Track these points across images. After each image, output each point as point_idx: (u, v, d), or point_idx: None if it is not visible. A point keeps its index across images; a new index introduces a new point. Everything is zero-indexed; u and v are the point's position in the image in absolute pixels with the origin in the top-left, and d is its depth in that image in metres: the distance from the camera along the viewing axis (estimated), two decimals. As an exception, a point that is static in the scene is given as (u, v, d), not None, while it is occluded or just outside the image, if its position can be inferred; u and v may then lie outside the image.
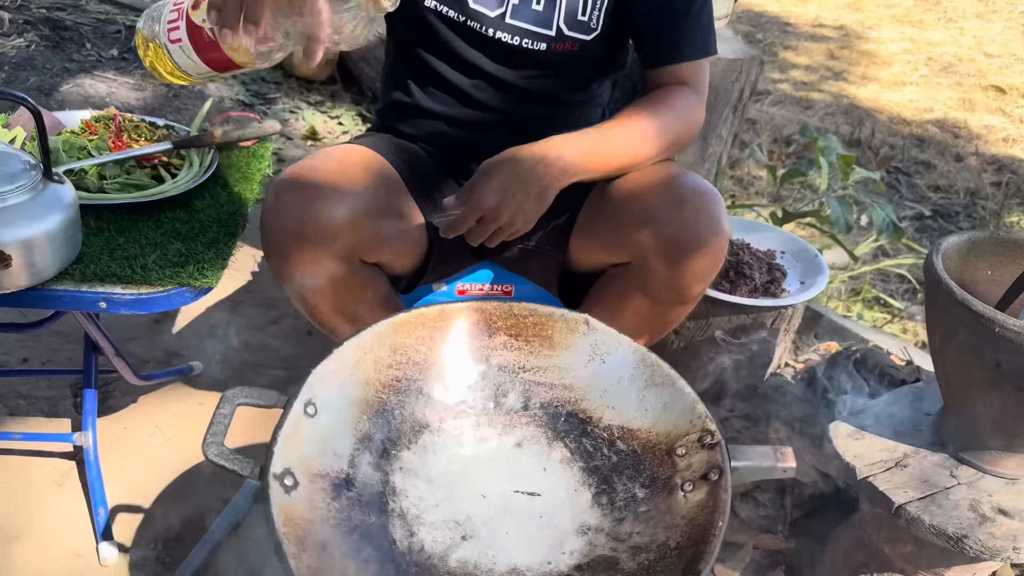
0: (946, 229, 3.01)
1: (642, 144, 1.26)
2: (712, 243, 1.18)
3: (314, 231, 1.17)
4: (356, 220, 1.19)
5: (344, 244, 1.19)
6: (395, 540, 0.83)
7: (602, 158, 1.24)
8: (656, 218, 1.19)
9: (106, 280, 1.16)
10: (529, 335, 1.00)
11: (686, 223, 1.17)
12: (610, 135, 1.26)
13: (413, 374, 0.95)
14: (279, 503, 0.76)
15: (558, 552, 0.84)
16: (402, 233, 1.32)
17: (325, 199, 1.17)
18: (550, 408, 0.97)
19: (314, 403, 0.85)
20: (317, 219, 1.16)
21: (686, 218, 1.17)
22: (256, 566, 1.29)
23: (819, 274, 1.71)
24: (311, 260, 1.19)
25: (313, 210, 1.16)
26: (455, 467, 0.92)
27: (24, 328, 1.55)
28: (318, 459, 0.84)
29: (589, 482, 0.91)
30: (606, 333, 0.98)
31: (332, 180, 1.19)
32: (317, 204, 1.17)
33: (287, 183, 1.20)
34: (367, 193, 1.22)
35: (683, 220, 1.17)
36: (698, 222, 1.18)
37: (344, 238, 1.18)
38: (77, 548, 1.41)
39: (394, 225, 1.29)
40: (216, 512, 1.45)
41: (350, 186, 1.20)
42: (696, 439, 0.86)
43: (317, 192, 1.18)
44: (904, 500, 1.20)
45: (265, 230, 1.20)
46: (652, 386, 0.93)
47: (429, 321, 0.97)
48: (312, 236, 1.17)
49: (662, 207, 1.19)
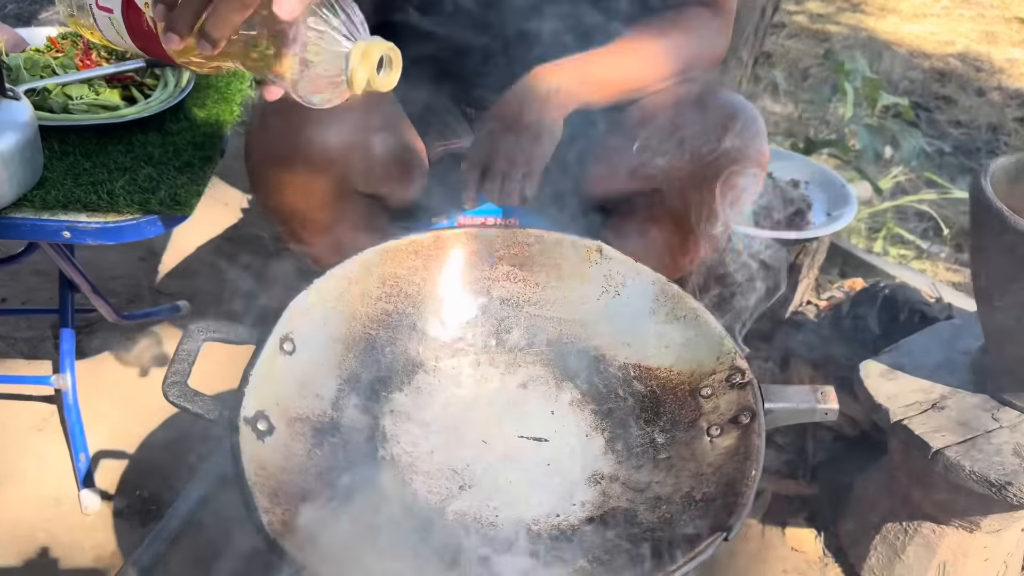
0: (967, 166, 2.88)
1: (651, 68, 1.15)
2: (751, 166, 1.07)
3: (305, 158, 1.05)
4: (351, 145, 1.07)
5: (338, 172, 1.08)
6: (385, 490, 0.74)
7: (602, 85, 1.13)
8: (689, 137, 1.08)
9: (69, 207, 1.05)
10: (535, 264, 0.89)
11: (724, 143, 1.06)
12: (611, 59, 1.14)
13: (405, 308, 0.85)
14: (250, 450, 0.67)
15: (568, 503, 0.75)
16: (401, 161, 1.20)
17: (316, 122, 1.06)
18: (558, 345, 0.87)
19: (292, 339, 0.75)
20: (308, 144, 1.05)
21: (723, 138, 1.06)
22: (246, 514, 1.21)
23: (846, 205, 1.60)
24: (302, 191, 1.08)
25: (304, 134, 1.05)
26: (453, 410, 0.82)
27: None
28: (297, 401, 0.74)
29: (602, 426, 0.81)
30: (622, 262, 0.87)
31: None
32: (308, 128, 1.05)
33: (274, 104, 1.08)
34: (363, 116, 1.10)
35: (720, 140, 1.06)
36: (736, 142, 1.07)
37: (338, 166, 1.07)
38: (58, 495, 1.34)
39: (393, 152, 1.18)
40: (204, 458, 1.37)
41: (341, 111, 1.08)
42: (724, 378, 0.76)
43: (308, 114, 1.06)
44: (942, 444, 1.11)
45: (249, 157, 1.09)
46: (673, 320, 0.83)
47: (423, 249, 0.86)
48: (303, 164, 1.05)
49: (694, 126, 1.08)
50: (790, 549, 1.35)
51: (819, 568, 1.32)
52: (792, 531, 1.36)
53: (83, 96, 1.23)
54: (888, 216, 2.34)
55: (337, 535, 0.66)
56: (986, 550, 1.19)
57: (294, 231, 1.16)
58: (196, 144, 1.18)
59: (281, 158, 1.05)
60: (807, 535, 1.36)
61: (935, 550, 1.21)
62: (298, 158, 1.05)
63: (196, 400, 0.69)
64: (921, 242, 2.28)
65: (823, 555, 1.34)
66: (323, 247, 1.17)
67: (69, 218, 1.04)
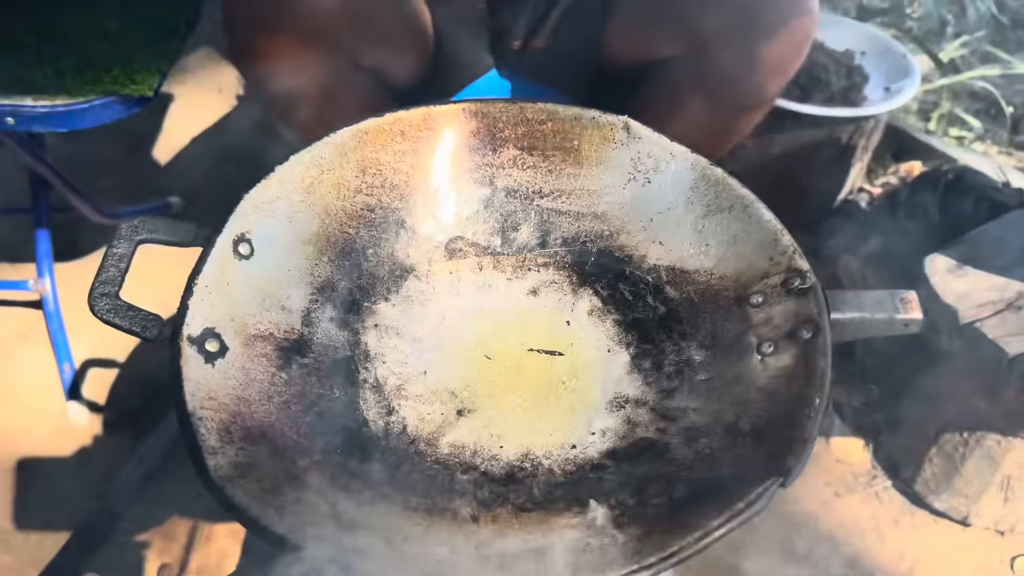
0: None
1: None
2: (796, 23, 0.90)
3: (294, 20, 0.89)
4: (348, 7, 0.91)
5: (333, 38, 0.92)
6: (367, 420, 0.62)
7: None
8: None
9: (11, 90, 0.91)
10: (547, 147, 0.74)
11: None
12: None
13: (391, 201, 0.71)
14: (196, 376, 0.55)
15: (585, 432, 0.63)
16: (404, 27, 1.04)
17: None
18: (576, 244, 0.73)
19: (248, 239, 0.62)
20: (297, 4, 0.89)
21: None
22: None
23: (907, 77, 1.41)
24: (291, 63, 0.92)
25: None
26: (450, 323, 0.69)
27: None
28: (258, 315, 0.61)
29: (627, 340, 0.68)
30: (653, 142, 0.72)
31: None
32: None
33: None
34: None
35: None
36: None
37: (333, 29, 0.91)
38: (44, 408, 1.26)
39: (395, 15, 1.02)
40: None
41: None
42: (779, 283, 0.61)
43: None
44: (1018, 350, 0.97)
45: (228, 24, 0.93)
46: (716, 212, 0.68)
47: (411, 129, 0.71)
48: (291, 27, 0.90)
49: None
50: (835, 460, 1.24)
51: (866, 481, 1.21)
52: (838, 441, 1.25)
53: (30, -40, 1.07)
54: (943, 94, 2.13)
55: (304, 479, 0.54)
56: (1057, 464, 1.07)
57: (286, 114, 1.01)
58: (159, 14, 1.02)
59: (266, 20, 0.89)
60: (854, 445, 1.25)
61: (999, 463, 1.09)
62: (285, 19, 0.89)
63: (130, 315, 0.57)
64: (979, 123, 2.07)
65: (871, 467, 1.22)
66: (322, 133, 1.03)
67: (11, 102, 0.91)
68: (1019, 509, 1.13)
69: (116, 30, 0.99)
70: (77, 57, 0.94)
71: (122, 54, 0.95)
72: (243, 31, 0.92)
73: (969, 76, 2.21)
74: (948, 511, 1.16)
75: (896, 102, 1.38)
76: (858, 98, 1.40)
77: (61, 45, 0.96)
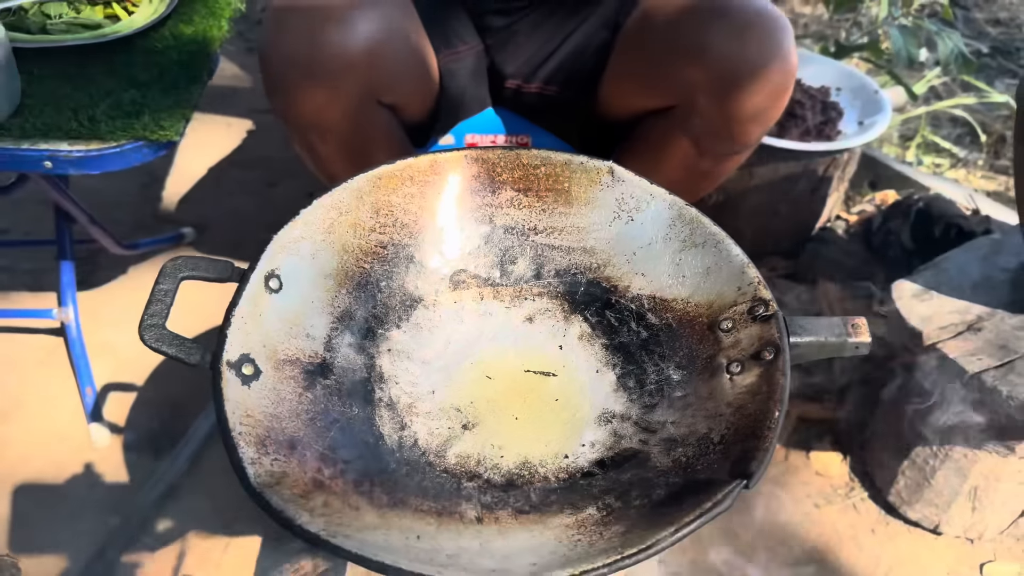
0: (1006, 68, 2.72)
1: None
2: (777, 77, 0.98)
3: (326, 61, 0.98)
4: (376, 46, 1.00)
5: (362, 76, 1.01)
6: (383, 434, 0.70)
7: None
8: (708, 47, 0.99)
9: (50, 135, 1.00)
10: (541, 189, 0.82)
11: (746, 52, 0.98)
12: None
13: (402, 239, 0.79)
14: (235, 397, 0.63)
15: (576, 444, 0.71)
16: (420, 68, 1.13)
17: (338, 22, 0.98)
18: (567, 276, 0.81)
19: (278, 275, 0.70)
20: (329, 46, 0.98)
21: (747, 46, 0.98)
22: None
23: (879, 112, 1.50)
24: (322, 97, 1.01)
25: (324, 35, 0.97)
26: (454, 347, 0.77)
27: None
28: (286, 342, 0.69)
29: (614, 361, 0.76)
30: (635, 184, 0.80)
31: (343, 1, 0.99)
32: (329, 28, 0.97)
33: (290, 3, 1.00)
34: (386, 15, 1.02)
35: (742, 48, 0.98)
36: (760, 50, 0.98)
37: (362, 68, 1.00)
38: (66, 430, 1.33)
39: (414, 57, 1.10)
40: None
41: (365, 9, 1.00)
42: (746, 310, 0.70)
43: (328, 14, 0.98)
44: (979, 368, 1.05)
45: (265, 61, 1.01)
46: (691, 247, 0.76)
47: (419, 174, 0.80)
48: (324, 67, 0.98)
49: (715, 33, 0.99)
50: (814, 473, 1.31)
51: (844, 493, 1.29)
52: (817, 455, 1.33)
53: (62, 14, 1.16)
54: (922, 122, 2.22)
55: (330, 486, 0.62)
56: (1020, 474, 1.15)
57: (313, 146, 1.09)
58: (183, 64, 1.11)
59: (300, 58, 0.98)
60: (832, 459, 1.32)
61: (967, 475, 1.17)
62: (319, 57, 0.98)
63: (175, 344, 0.65)
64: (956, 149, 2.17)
65: (849, 480, 1.30)
66: (344, 164, 1.11)
67: (50, 147, 0.99)
68: (987, 518, 1.20)
69: (143, 79, 1.08)
70: (109, 105, 1.02)
71: (150, 101, 1.04)
72: (279, 69, 1.00)
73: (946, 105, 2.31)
74: (921, 520, 1.23)
75: (868, 136, 1.47)
76: (833, 132, 1.49)
77: (95, 95, 1.04)
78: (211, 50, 1.15)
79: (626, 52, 1.14)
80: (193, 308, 1.02)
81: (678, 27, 1.03)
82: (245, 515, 1.21)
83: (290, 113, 1.04)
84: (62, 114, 1.01)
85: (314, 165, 1.14)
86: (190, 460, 1.27)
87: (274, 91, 1.02)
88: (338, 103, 1.02)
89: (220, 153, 1.90)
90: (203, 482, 1.26)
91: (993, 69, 2.73)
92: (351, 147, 1.09)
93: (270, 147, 1.91)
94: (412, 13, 1.12)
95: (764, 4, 1.00)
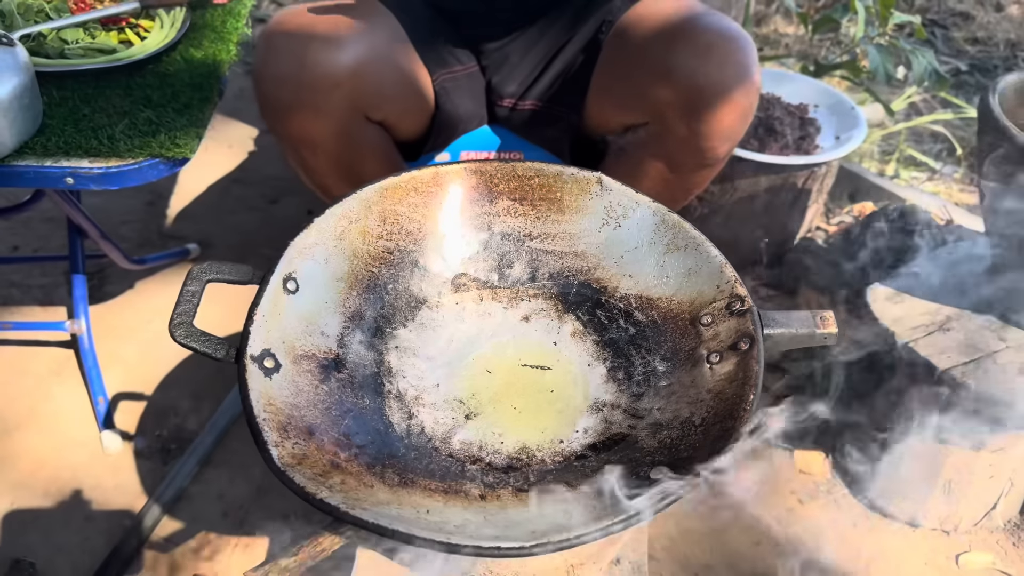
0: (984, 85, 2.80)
1: None
2: (740, 96, 1.04)
3: (314, 79, 1.05)
4: (361, 67, 1.07)
5: (347, 94, 1.07)
6: (392, 423, 0.76)
7: None
8: (675, 68, 1.05)
9: (71, 153, 1.06)
10: (535, 198, 0.89)
11: (710, 73, 1.04)
12: None
13: (407, 245, 0.86)
14: (258, 387, 0.68)
15: (570, 430, 0.77)
16: (408, 87, 1.19)
17: (324, 42, 1.05)
18: (560, 278, 0.88)
19: (295, 278, 0.76)
20: (317, 65, 1.05)
21: (710, 67, 1.04)
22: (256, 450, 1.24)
23: (855, 127, 1.58)
24: (311, 113, 1.08)
25: (311, 55, 1.04)
26: (456, 344, 0.84)
27: (2, 212, 1.46)
28: (303, 339, 0.75)
29: (604, 356, 0.82)
30: (621, 193, 0.87)
31: (331, 23, 1.07)
32: (315, 48, 1.04)
33: (280, 26, 1.07)
34: (370, 38, 1.09)
35: (706, 69, 1.04)
36: (724, 71, 1.04)
37: (347, 87, 1.07)
38: (79, 438, 1.38)
39: (400, 77, 1.17)
40: (219, 398, 1.40)
41: (351, 30, 1.07)
42: (724, 306, 0.76)
43: (315, 35, 1.05)
44: (948, 365, 1.12)
45: (258, 80, 1.08)
46: (674, 250, 0.83)
47: (422, 185, 0.86)
48: (312, 85, 1.05)
49: (681, 55, 1.05)
50: (797, 471, 1.37)
51: (826, 489, 1.34)
52: (800, 454, 1.38)
53: (79, 40, 1.22)
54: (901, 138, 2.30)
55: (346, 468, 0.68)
56: (991, 468, 1.21)
57: (305, 160, 1.16)
58: (194, 85, 1.18)
59: (289, 77, 1.05)
60: (815, 457, 1.38)
61: (941, 469, 1.23)
62: (306, 76, 1.04)
63: (202, 340, 0.71)
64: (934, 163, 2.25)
65: (831, 476, 1.36)
66: (335, 178, 1.18)
67: (71, 164, 1.05)
68: (961, 510, 1.26)
69: (158, 100, 1.14)
70: (127, 125, 1.08)
71: (165, 121, 1.10)
72: (271, 87, 1.07)
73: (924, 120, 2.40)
74: (898, 514, 1.29)
75: (845, 150, 1.54)
76: (811, 147, 1.56)
77: (112, 115, 1.10)
78: (220, 72, 1.21)
79: (603, 71, 1.20)
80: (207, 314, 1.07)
81: (647, 48, 1.10)
82: (252, 517, 1.26)
83: (281, 130, 1.11)
84: (82, 133, 1.07)
85: (307, 178, 1.21)
86: (199, 464, 1.32)
87: (267, 109, 1.09)
88: (326, 120, 1.08)
89: (222, 171, 1.96)
90: (212, 485, 1.31)
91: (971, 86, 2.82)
92: (341, 161, 1.15)
93: (270, 165, 1.98)
94: (401, 36, 1.19)
95: (728, 24, 1.06)
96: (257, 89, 1.09)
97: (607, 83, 1.21)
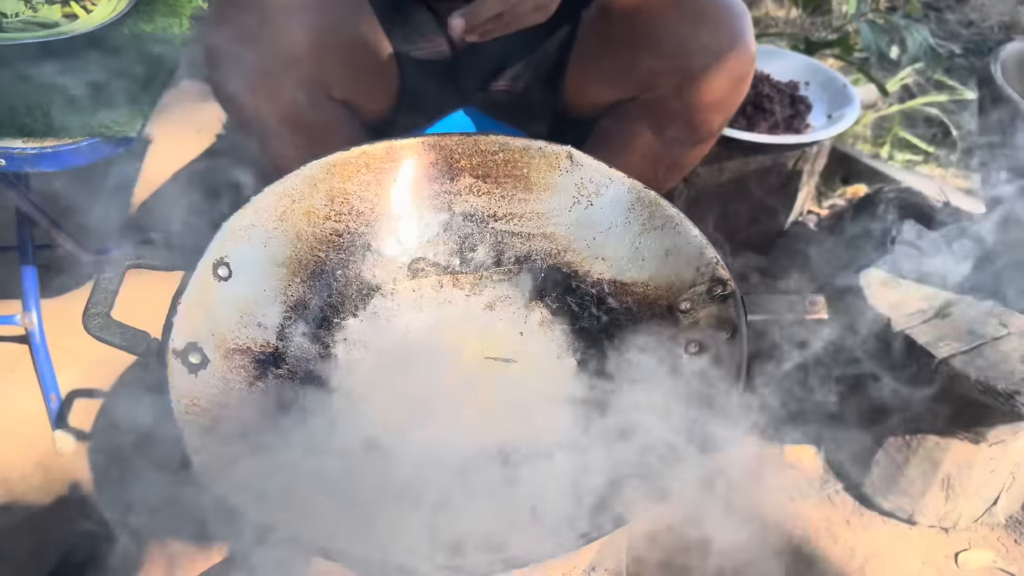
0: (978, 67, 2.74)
1: None
2: (734, 63, 0.98)
3: (271, 55, 0.96)
4: (321, 41, 0.98)
5: (308, 71, 0.99)
6: (338, 424, 0.68)
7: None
8: (666, 37, 0.99)
9: (4, 133, 0.98)
10: (500, 175, 0.81)
11: (703, 41, 0.98)
12: None
13: (358, 227, 0.78)
14: (180, 385, 0.61)
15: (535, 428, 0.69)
16: (372, 63, 1.12)
17: (282, 13, 0.96)
18: (527, 262, 0.80)
19: (227, 263, 0.69)
20: (274, 40, 0.96)
21: (702, 32, 0.98)
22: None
23: (848, 105, 1.51)
24: (268, 92, 0.99)
25: (268, 28, 0.96)
26: (413, 336, 0.76)
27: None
28: (236, 331, 0.68)
29: (575, 346, 0.75)
30: (594, 168, 0.79)
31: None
32: (272, 20, 0.96)
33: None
34: (331, 10, 1.01)
35: (699, 38, 0.98)
36: (718, 40, 0.98)
37: (308, 63, 0.98)
38: (33, 437, 1.30)
39: (364, 52, 1.09)
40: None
41: (307, 2, 0.99)
42: (704, 291, 0.69)
43: (271, 5, 0.97)
44: (947, 353, 1.05)
45: (208, 56, 1.00)
46: (650, 230, 0.75)
47: (375, 161, 0.79)
48: (269, 61, 0.97)
49: (673, 23, 0.99)
50: (788, 467, 1.30)
51: (819, 485, 1.28)
52: (791, 448, 1.32)
53: (19, 13, 1.14)
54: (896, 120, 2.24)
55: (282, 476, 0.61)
56: (992, 461, 1.15)
57: (264, 143, 1.07)
58: (142, 62, 1.10)
59: (242, 54, 0.96)
60: (806, 452, 1.31)
61: (939, 464, 1.16)
62: (262, 52, 0.96)
63: (120, 333, 0.64)
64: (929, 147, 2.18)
65: (823, 472, 1.29)
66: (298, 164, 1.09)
67: (4, 144, 0.97)
68: (960, 506, 1.20)
69: (100, 77, 1.06)
70: (65, 102, 1.01)
71: (107, 99, 1.02)
72: (223, 66, 0.99)
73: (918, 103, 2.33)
74: (895, 511, 1.23)
75: (837, 129, 1.47)
76: (802, 126, 1.49)
77: (51, 92, 1.02)
78: (172, 47, 1.13)
79: (586, 45, 1.13)
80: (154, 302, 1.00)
81: (634, 17, 1.03)
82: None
83: (236, 111, 1.03)
84: (16, 111, 0.99)
85: (267, 160, 1.13)
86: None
87: (218, 88, 1.01)
88: (285, 99, 1.00)
89: (188, 158, 1.88)
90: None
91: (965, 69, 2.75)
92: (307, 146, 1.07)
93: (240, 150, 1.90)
94: (365, 9, 1.11)
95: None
96: (208, 68, 1.01)
97: (590, 57, 1.14)
